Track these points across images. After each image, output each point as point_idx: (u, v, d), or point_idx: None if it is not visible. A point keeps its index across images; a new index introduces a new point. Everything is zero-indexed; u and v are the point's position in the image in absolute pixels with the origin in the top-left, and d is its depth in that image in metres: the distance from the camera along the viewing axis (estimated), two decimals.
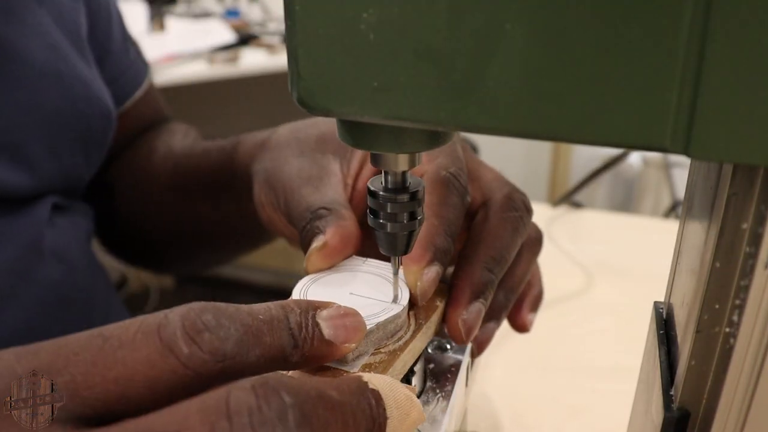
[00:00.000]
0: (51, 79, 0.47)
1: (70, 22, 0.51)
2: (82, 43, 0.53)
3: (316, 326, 0.25)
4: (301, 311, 0.25)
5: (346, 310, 0.27)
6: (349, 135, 0.27)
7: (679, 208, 1.57)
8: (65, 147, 0.49)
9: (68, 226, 0.51)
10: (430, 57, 0.21)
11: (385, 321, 0.30)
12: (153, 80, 0.66)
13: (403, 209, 0.30)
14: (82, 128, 0.50)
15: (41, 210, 0.48)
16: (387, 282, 0.33)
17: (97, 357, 0.21)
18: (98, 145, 0.53)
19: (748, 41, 0.17)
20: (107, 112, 0.53)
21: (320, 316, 0.26)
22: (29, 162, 0.47)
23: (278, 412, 0.20)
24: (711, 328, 0.22)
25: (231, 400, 0.20)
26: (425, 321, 0.33)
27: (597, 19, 0.18)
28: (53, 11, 0.50)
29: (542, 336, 0.56)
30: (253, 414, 0.20)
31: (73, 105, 0.49)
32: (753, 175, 0.20)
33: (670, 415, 0.24)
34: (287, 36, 0.23)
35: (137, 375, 0.21)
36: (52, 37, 0.49)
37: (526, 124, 0.20)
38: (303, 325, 0.25)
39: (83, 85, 0.50)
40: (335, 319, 0.26)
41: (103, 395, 0.21)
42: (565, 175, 2.37)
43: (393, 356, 0.30)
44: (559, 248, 0.71)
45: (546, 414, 0.47)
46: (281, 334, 0.24)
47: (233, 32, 1.88)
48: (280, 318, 0.24)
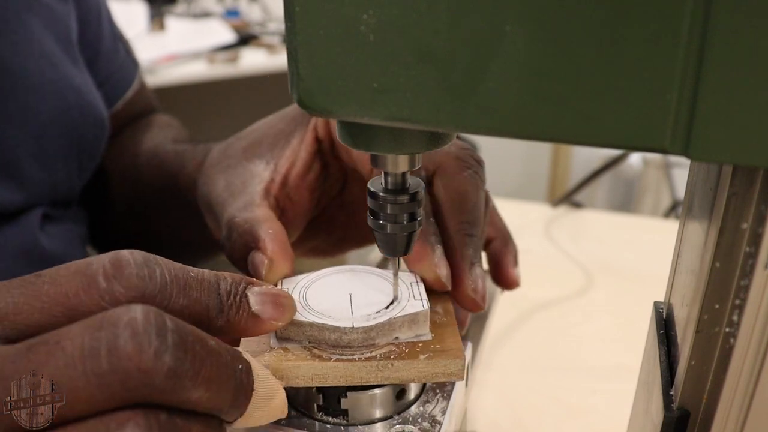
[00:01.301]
0: (44, 90, 0.47)
1: (61, 28, 0.50)
2: (73, 48, 0.52)
3: (244, 297, 0.26)
4: (233, 281, 0.26)
5: (278, 291, 0.28)
6: (349, 136, 0.27)
7: (679, 208, 1.57)
8: (58, 159, 0.48)
9: (61, 233, 0.50)
10: (430, 58, 0.21)
11: (391, 318, 0.30)
12: (152, 80, 0.66)
13: (402, 210, 0.30)
14: (76, 138, 0.49)
15: (32, 220, 0.47)
16: (387, 282, 0.33)
17: (29, 290, 0.23)
18: (91, 154, 0.52)
19: (748, 42, 0.17)
20: (100, 120, 0.52)
21: (251, 290, 0.27)
22: (20, 177, 0.46)
23: (158, 330, 0.21)
24: (711, 328, 0.22)
25: (112, 314, 0.21)
26: (445, 312, 0.34)
27: (597, 20, 0.18)
28: (44, 18, 0.48)
29: (542, 336, 0.56)
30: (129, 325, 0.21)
31: (66, 115, 0.48)
32: (753, 176, 0.20)
33: (670, 415, 0.24)
34: (287, 37, 0.23)
35: (58, 306, 0.23)
36: (44, 46, 0.48)
37: (526, 126, 0.21)
38: (232, 294, 0.26)
39: (76, 93, 0.49)
40: (265, 295, 0.27)
41: (28, 320, 0.23)
42: (565, 175, 2.37)
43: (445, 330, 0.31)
44: (559, 248, 0.71)
45: (546, 414, 0.47)
46: (209, 294, 0.25)
47: (233, 32, 1.88)
48: (210, 280, 0.26)
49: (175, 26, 1.92)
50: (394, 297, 0.32)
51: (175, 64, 1.66)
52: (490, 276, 0.42)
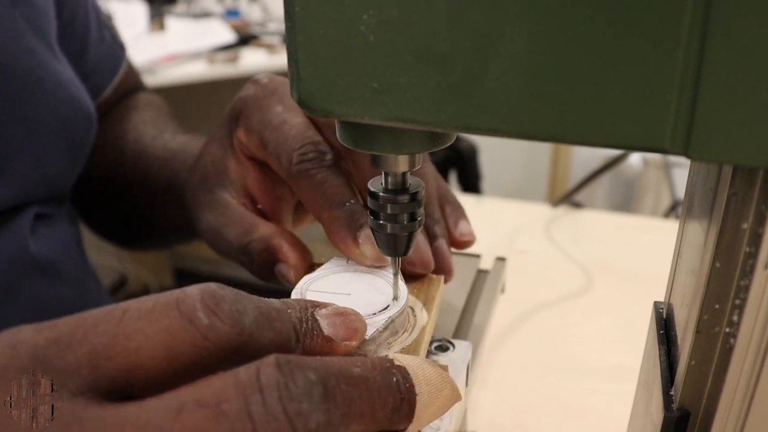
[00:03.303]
0: (32, 86, 0.46)
1: (42, 23, 0.50)
2: (53, 43, 0.51)
3: (315, 322, 0.25)
4: (300, 307, 0.26)
5: (344, 309, 0.27)
6: (349, 136, 0.27)
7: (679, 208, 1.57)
8: (51, 155, 0.48)
9: (54, 234, 0.50)
10: (430, 58, 0.21)
11: (393, 316, 0.30)
12: (152, 80, 0.66)
13: (403, 210, 0.30)
14: (66, 134, 0.49)
15: (23, 221, 0.47)
16: (386, 282, 0.33)
17: (118, 328, 0.21)
18: (82, 149, 0.52)
19: (748, 43, 0.17)
20: (89, 114, 0.52)
21: (319, 313, 0.26)
22: (13, 174, 0.45)
23: (304, 388, 0.21)
24: (711, 328, 0.22)
25: (261, 375, 0.21)
26: (428, 299, 0.34)
27: (596, 20, 0.18)
28: (26, 13, 0.48)
29: (542, 336, 0.56)
30: (281, 389, 0.20)
31: (56, 111, 0.48)
32: (753, 176, 0.20)
33: (670, 415, 0.24)
34: (287, 37, 0.23)
35: (157, 345, 0.21)
36: (29, 41, 0.47)
37: (526, 126, 0.21)
38: (303, 320, 0.25)
39: (63, 88, 0.49)
40: (333, 317, 0.26)
41: (123, 365, 0.21)
42: (565, 175, 2.37)
43: (420, 335, 0.31)
44: (559, 248, 0.71)
45: (546, 414, 0.47)
46: (287, 323, 0.24)
47: (233, 32, 1.88)
48: (283, 309, 0.25)
49: (175, 26, 1.92)
50: (394, 297, 0.32)
51: (175, 64, 1.66)
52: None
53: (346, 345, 0.26)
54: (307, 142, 0.37)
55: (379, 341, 0.30)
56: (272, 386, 0.20)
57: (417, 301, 0.34)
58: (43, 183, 0.48)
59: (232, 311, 0.22)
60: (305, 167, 0.36)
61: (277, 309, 0.24)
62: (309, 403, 0.21)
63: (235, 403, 0.20)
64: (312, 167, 0.36)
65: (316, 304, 0.26)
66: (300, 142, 0.37)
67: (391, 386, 0.23)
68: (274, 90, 0.40)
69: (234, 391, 0.20)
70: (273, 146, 0.38)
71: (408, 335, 0.32)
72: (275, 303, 0.25)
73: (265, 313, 0.24)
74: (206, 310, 0.22)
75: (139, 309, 0.22)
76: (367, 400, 0.22)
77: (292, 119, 0.38)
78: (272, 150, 0.38)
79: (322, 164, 0.36)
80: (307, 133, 0.38)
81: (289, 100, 0.39)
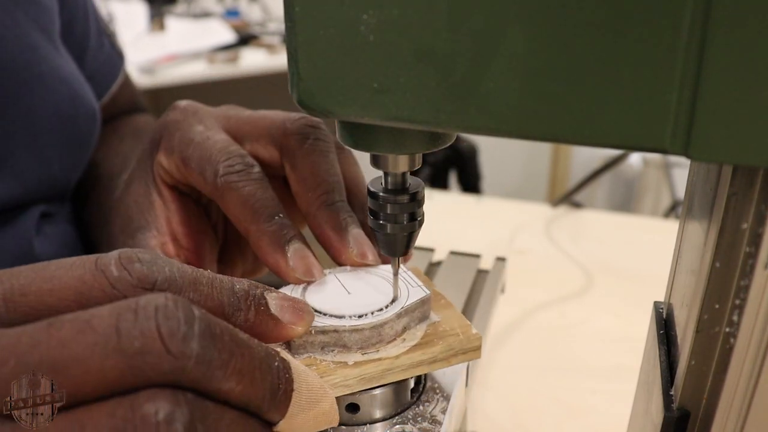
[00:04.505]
0: (34, 83, 0.46)
1: (46, 20, 0.50)
2: (56, 38, 0.51)
3: (263, 299, 0.26)
4: (249, 284, 0.26)
5: (295, 298, 0.28)
6: (349, 136, 0.27)
7: (679, 208, 1.57)
8: (53, 153, 0.48)
9: (57, 234, 0.50)
10: (430, 58, 0.21)
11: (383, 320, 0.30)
12: (152, 80, 0.66)
13: (402, 210, 0.30)
14: (69, 131, 0.49)
15: (28, 220, 0.47)
16: (387, 282, 0.33)
17: (37, 273, 0.23)
18: (85, 147, 0.52)
19: (748, 43, 0.17)
20: (92, 111, 0.51)
21: (269, 294, 0.27)
22: (16, 171, 0.45)
23: (186, 318, 0.21)
24: (711, 328, 0.22)
25: (142, 299, 0.21)
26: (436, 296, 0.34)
27: (596, 20, 0.18)
28: (28, 9, 0.48)
29: (542, 336, 0.56)
30: (159, 310, 0.21)
31: (58, 107, 0.48)
32: (753, 176, 0.20)
33: (670, 415, 0.24)
34: (287, 37, 0.23)
35: (68, 289, 0.23)
36: (31, 38, 0.47)
37: (526, 126, 0.21)
38: (250, 295, 0.26)
39: (66, 85, 0.49)
40: (282, 300, 0.27)
41: (35, 303, 0.22)
42: (565, 175, 2.37)
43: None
44: (559, 248, 0.71)
45: (546, 414, 0.47)
46: (221, 291, 0.25)
47: (233, 32, 1.88)
48: (224, 281, 0.26)
49: (175, 26, 1.92)
50: (393, 296, 0.32)
51: (175, 64, 1.66)
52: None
53: (291, 328, 0.27)
54: (233, 155, 0.36)
55: (397, 326, 0.31)
56: (150, 308, 0.21)
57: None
58: (46, 180, 0.48)
59: (142, 269, 0.24)
60: (232, 179, 0.35)
61: (209, 278, 0.25)
62: (189, 330, 0.21)
63: (107, 319, 0.21)
64: (239, 179, 0.35)
65: (267, 288, 0.27)
66: (226, 155, 0.36)
67: (272, 368, 0.24)
68: (195, 112, 0.39)
69: (108, 309, 0.21)
70: (196, 161, 0.37)
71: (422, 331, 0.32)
72: (217, 275, 0.26)
73: (188, 276, 0.24)
74: (118, 264, 0.23)
75: (61, 262, 0.24)
76: (248, 363, 0.23)
77: (214, 136, 0.38)
78: (195, 165, 0.37)
79: (249, 177, 0.35)
80: (231, 147, 0.37)
81: (210, 121, 0.39)
